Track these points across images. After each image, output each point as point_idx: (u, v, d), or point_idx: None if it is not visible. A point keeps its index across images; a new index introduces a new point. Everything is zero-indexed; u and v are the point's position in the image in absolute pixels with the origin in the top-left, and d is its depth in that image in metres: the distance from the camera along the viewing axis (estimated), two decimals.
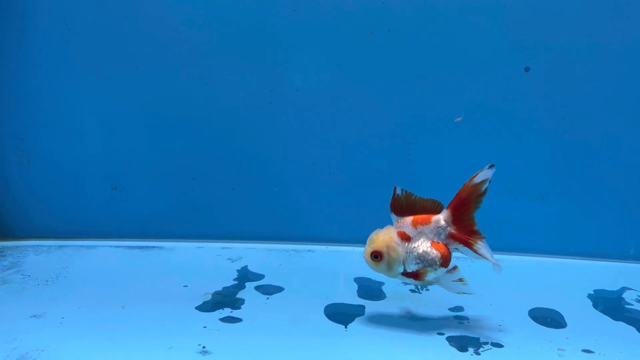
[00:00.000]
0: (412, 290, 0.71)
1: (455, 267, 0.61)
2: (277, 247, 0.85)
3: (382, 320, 0.63)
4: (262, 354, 0.56)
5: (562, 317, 0.65)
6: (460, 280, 0.61)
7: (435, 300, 0.69)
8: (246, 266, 0.79)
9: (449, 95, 0.80)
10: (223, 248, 0.86)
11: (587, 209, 0.82)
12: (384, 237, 0.59)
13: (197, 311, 0.65)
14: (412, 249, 0.59)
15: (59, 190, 0.86)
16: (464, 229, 0.60)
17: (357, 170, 0.85)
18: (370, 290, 0.71)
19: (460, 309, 0.66)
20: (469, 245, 0.59)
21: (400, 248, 0.59)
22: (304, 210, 0.86)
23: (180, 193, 0.86)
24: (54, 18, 0.82)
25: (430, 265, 0.59)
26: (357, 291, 0.71)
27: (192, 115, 0.84)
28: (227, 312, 0.64)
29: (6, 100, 0.83)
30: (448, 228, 0.60)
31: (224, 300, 0.67)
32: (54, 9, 0.82)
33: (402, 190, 0.59)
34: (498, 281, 0.73)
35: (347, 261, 0.79)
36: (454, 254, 0.61)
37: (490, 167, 0.58)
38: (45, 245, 0.84)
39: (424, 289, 0.72)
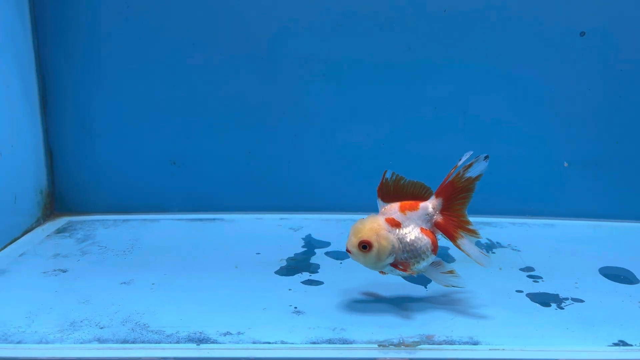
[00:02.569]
0: None
1: (440, 261, 0.58)
2: (334, 217, 0.87)
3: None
4: (351, 312, 0.58)
5: (632, 275, 0.67)
6: (451, 272, 0.58)
7: (504, 262, 0.70)
8: (309, 234, 0.81)
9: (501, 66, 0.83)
10: (282, 219, 0.88)
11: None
12: (372, 224, 0.55)
13: (278, 275, 0.67)
14: (403, 235, 0.56)
15: (120, 166, 0.88)
16: (452, 221, 0.57)
17: (410, 143, 0.87)
18: (438, 255, 0.72)
19: (531, 269, 0.68)
20: (452, 239, 0.57)
21: (392, 235, 0.55)
22: (358, 183, 0.88)
23: (237, 166, 0.89)
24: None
25: (423, 253, 0.56)
26: None
27: (248, 91, 0.86)
28: (306, 276, 0.67)
29: (69, 77, 0.85)
30: (435, 216, 0.57)
31: (299, 266, 0.70)
32: None
33: (392, 174, 0.56)
34: (558, 245, 0.77)
35: None
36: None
37: (486, 158, 0.56)
38: (110, 219, 0.86)
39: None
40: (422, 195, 0.57)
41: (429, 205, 0.57)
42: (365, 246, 0.55)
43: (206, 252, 0.75)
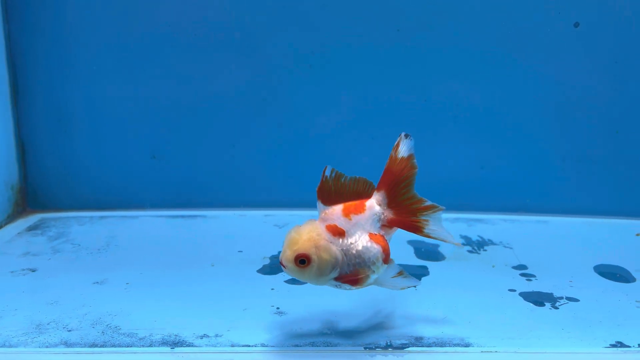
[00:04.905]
0: (470, 252, 0.71)
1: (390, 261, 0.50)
2: None
3: (450, 280, 0.62)
4: (336, 313, 0.55)
5: (628, 272, 0.64)
6: (400, 273, 0.50)
7: (496, 259, 0.68)
8: None
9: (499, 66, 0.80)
10: (266, 215, 0.85)
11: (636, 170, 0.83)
12: (310, 234, 0.46)
13: (260, 274, 0.64)
14: (349, 246, 0.46)
15: (97, 160, 0.84)
16: (406, 210, 0.48)
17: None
18: (428, 253, 0.70)
19: (524, 267, 0.66)
20: (416, 230, 0.48)
21: (334, 247, 0.46)
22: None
23: (220, 160, 0.85)
24: None
25: (372, 264, 0.47)
26: (415, 253, 0.71)
27: (228, 83, 0.82)
28: (288, 276, 0.64)
29: (44, 70, 0.81)
30: (385, 213, 0.48)
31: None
32: None
33: (332, 170, 0.47)
34: (552, 242, 0.74)
35: None
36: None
37: (407, 136, 0.48)
38: (86, 216, 0.82)
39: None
40: (365, 192, 0.49)
41: (374, 202, 0.48)
42: (303, 261, 0.46)
43: (186, 250, 0.71)
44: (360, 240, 0.47)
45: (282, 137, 0.84)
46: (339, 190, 0.47)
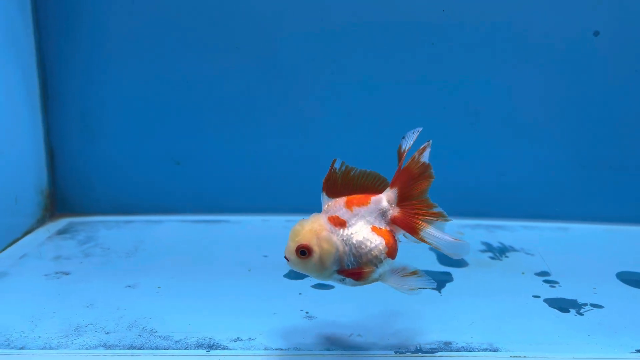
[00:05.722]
0: (492, 258, 0.72)
1: (405, 267, 0.49)
2: None
3: (475, 286, 0.63)
4: (365, 318, 0.56)
5: None
6: (414, 273, 0.48)
7: (517, 266, 0.69)
8: None
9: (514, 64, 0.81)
10: (287, 221, 0.86)
11: None
12: (312, 225, 0.46)
13: (287, 279, 0.65)
14: (349, 236, 0.46)
15: (123, 166, 0.86)
16: (412, 211, 0.47)
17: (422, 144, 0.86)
18: (450, 259, 0.69)
19: (546, 273, 0.66)
20: (413, 231, 0.47)
21: (335, 237, 0.46)
22: None
23: (242, 167, 0.86)
24: None
25: (374, 257, 0.46)
26: (438, 259, 0.72)
27: (254, 89, 0.83)
28: (315, 280, 0.65)
29: (72, 77, 0.82)
30: (391, 211, 0.48)
31: None
32: None
33: (342, 164, 0.47)
34: (573, 249, 0.75)
35: None
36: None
37: (429, 144, 0.47)
38: (112, 221, 0.84)
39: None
40: (375, 187, 0.48)
41: (383, 197, 0.48)
42: (304, 252, 0.46)
43: (212, 254, 0.73)
44: (361, 231, 0.47)
45: (305, 143, 0.85)
46: (346, 184, 0.47)
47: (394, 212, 0.48)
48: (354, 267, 0.46)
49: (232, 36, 0.82)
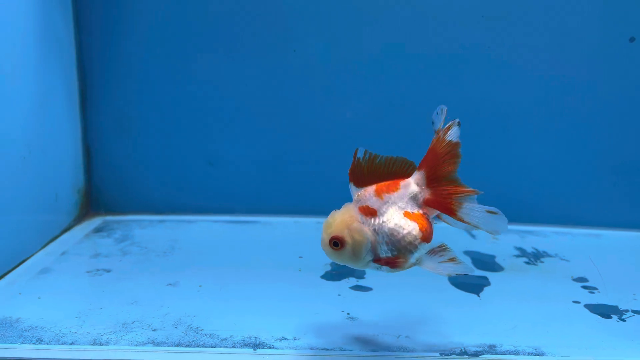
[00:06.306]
0: (527, 263, 0.72)
1: (442, 246, 0.48)
2: None
3: (513, 291, 0.63)
4: (406, 319, 0.56)
5: None
6: (452, 259, 0.47)
7: (554, 271, 0.69)
8: None
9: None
10: (318, 222, 0.87)
11: None
12: (343, 217, 0.46)
13: (324, 280, 0.66)
14: (381, 225, 0.46)
15: (156, 166, 0.87)
16: (443, 192, 0.46)
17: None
18: (485, 263, 0.71)
19: (584, 279, 0.66)
20: (450, 212, 0.46)
21: (366, 227, 0.46)
22: None
23: (273, 168, 0.87)
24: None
25: (409, 243, 0.45)
26: (473, 263, 0.72)
27: (286, 91, 0.84)
28: (353, 281, 0.65)
29: (109, 78, 0.84)
30: (422, 193, 0.47)
31: (344, 271, 0.68)
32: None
33: (365, 152, 0.46)
34: (608, 255, 0.75)
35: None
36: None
37: (459, 124, 0.46)
38: (146, 220, 0.85)
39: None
40: (404, 172, 0.47)
41: (411, 181, 0.47)
42: (336, 243, 0.46)
43: (248, 254, 0.73)
44: (393, 218, 0.46)
45: (337, 145, 0.85)
46: (374, 172, 0.47)
47: (426, 194, 0.47)
48: (389, 256, 0.46)
49: (264, 38, 0.82)
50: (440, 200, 0.46)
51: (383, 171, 0.47)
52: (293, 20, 0.82)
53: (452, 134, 0.46)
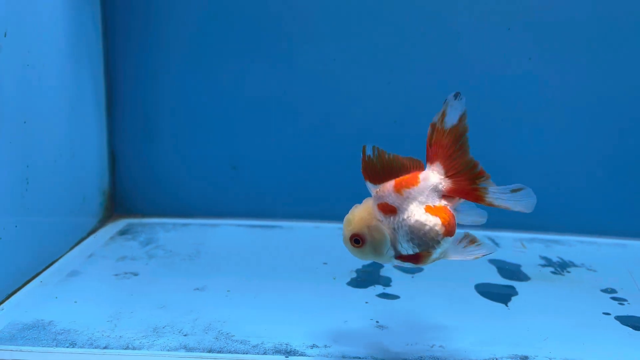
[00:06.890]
0: (553, 273, 0.71)
1: (466, 235, 0.47)
2: None
3: (541, 301, 0.63)
4: (436, 328, 0.56)
5: None
6: (473, 242, 0.47)
7: (581, 281, 0.68)
8: None
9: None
10: (339, 228, 0.86)
11: None
12: (362, 214, 0.46)
13: (351, 287, 0.66)
14: (401, 223, 0.45)
15: (180, 170, 0.87)
16: (464, 177, 0.45)
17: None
18: (511, 272, 0.70)
19: (613, 290, 0.66)
20: (477, 199, 0.44)
21: (384, 225, 0.45)
22: None
23: (296, 173, 0.87)
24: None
25: (431, 239, 0.44)
26: (498, 272, 0.71)
27: (311, 95, 0.84)
28: (379, 289, 0.65)
29: (134, 82, 0.84)
30: (442, 184, 0.45)
31: (370, 278, 0.68)
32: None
33: (373, 148, 0.45)
34: (635, 266, 0.73)
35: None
36: None
37: (456, 96, 0.44)
38: (169, 223, 0.85)
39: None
40: (419, 165, 0.46)
41: (430, 172, 0.46)
42: (357, 240, 0.46)
43: (273, 259, 0.74)
44: (414, 214, 0.45)
45: (359, 151, 0.85)
46: (388, 166, 0.46)
47: (446, 184, 0.46)
48: (411, 253, 0.46)
49: (289, 41, 0.82)
50: (464, 188, 0.45)
51: (396, 165, 0.46)
52: (323, 25, 0.81)
53: (451, 116, 0.45)
